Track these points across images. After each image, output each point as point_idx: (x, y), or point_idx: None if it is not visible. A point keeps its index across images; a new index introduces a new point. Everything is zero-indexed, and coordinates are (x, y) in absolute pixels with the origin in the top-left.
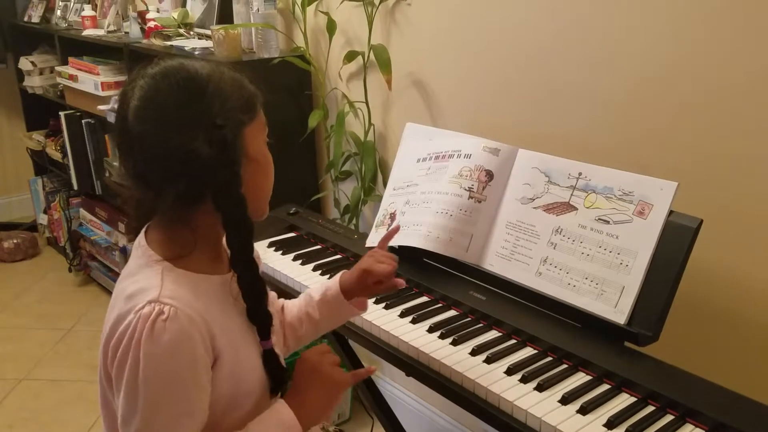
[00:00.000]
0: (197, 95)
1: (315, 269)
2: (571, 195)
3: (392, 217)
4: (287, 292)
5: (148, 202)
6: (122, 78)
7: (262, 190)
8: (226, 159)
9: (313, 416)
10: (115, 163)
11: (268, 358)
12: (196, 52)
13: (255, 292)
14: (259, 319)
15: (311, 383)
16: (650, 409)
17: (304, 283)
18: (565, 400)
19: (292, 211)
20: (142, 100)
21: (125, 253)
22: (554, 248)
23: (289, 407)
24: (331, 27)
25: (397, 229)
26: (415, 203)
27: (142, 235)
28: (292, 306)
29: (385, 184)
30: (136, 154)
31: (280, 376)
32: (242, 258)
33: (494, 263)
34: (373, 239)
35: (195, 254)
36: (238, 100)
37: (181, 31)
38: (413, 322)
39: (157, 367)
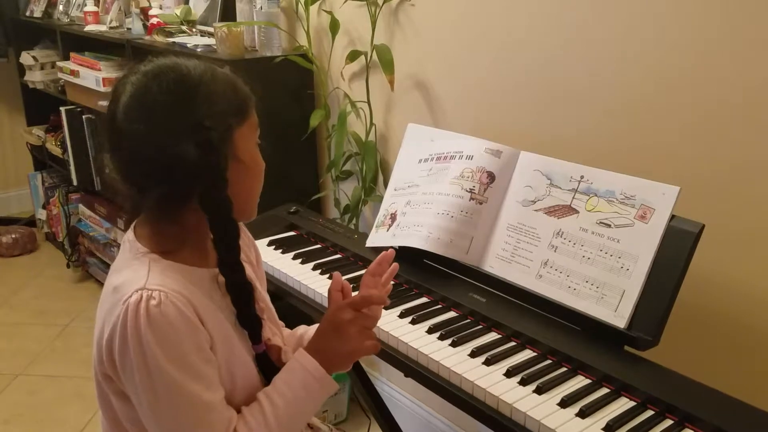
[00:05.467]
0: (187, 97)
1: (315, 268)
2: (573, 198)
3: (393, 217)
4: (286, 290)
5: (134, 199)
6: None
7: (250, 192)
8: (212, 161)
9: (334, 365)
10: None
11: (261, 360)
12: (198, 50)
13: (242, 296)
14: (249, 323)
15: (333, 338)
16: (649, 413)
17: (303, 281)
18: (565, 403)
19: (292, 210)
20: (132, 98)
21: None
22: (555, 251)
23: (308, 354)
24: (334, 26)
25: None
26: (416, 204)
27: (131, 230)
28: (290, 337)
29: (385, 185)
30: (122, 151)
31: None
32: (228, 260)
33: (494, 265)
34: (373, 239)
35: (183, 249)
36: (229, 102)
37: (184, 28)
38: (413, 322)
39: (167, 350)
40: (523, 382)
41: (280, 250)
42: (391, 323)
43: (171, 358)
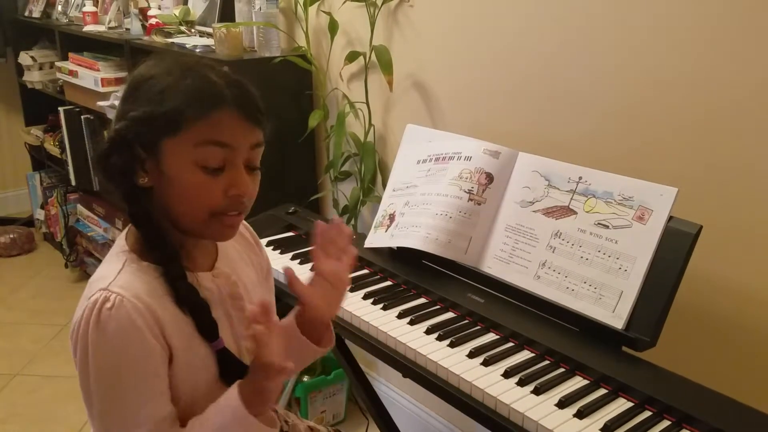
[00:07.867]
0: (127, 91)
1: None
2: (571, 199)
3: (391, 218)
4: (285, 291)
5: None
6: (122, 74)
7: (176, 208)
8: (113, 157)
9: (260, 399)
10: None
11: (222, 357)
12: (197, 50)
13: (189, 304)
14: (205, 328)
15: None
16: (647, 414)
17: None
18: (562, 404)
19: (290, 211)
20: None
21: None
22: (553, 252)
23: (236, 387)
24: (332, 27)
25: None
26: (415, 205)
27: (127, 228)
28: None
29: (384, 185)
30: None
31: (237, 374)
32: (167, 268)
33: (493, 266)
34: (371, 240)
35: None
36: (159, 110)
37: (183, 28)
38: (411, 323)
39: (106, 357)
40: (521, 383)
41: (279, 251)
42: (390, 323)
43: (110, 365)
